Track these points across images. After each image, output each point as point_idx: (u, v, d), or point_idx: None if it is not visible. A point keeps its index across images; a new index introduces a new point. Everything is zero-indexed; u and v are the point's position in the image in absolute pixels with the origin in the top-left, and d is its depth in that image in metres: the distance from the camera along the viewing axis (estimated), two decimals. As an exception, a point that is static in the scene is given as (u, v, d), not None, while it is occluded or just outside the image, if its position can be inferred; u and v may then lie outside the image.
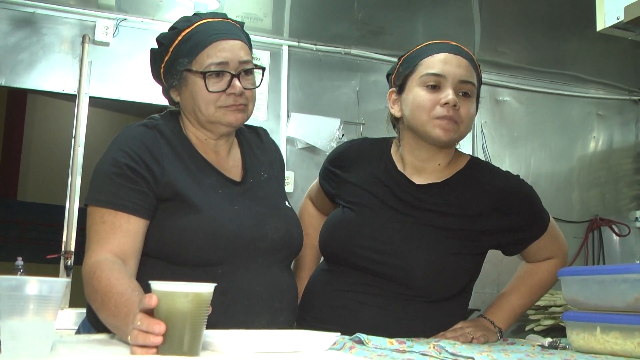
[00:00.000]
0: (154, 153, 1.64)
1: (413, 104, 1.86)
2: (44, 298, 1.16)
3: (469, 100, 1.87)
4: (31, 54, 3.71)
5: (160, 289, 1.22)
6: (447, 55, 1.86)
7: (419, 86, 1.86)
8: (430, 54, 1.88)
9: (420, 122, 1.84)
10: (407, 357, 1.44)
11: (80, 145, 3.73)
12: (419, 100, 1.84)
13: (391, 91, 1.97)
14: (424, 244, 1.82)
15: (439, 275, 1.81)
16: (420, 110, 1.84)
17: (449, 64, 1.85)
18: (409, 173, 1.93)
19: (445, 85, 1.83)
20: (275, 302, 1.70)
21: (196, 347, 1.22)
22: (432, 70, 1.85)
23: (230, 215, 1.67)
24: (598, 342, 1.63)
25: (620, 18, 1.87)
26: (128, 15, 3.86)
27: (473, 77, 1.88)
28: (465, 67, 1.86)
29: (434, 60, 1.86)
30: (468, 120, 1.87)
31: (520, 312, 2.00)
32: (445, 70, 1.84)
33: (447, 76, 1.83)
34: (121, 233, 1.57)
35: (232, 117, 1.71)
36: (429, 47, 1.91)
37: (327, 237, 1.94)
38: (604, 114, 4.99)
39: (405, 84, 1.90)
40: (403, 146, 1.95)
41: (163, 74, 1.75)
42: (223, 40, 1.69)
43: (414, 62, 1.90)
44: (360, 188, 1.94)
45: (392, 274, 1.81)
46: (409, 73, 1.89)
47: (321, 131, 4.15)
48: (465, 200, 1.87)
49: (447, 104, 1.81)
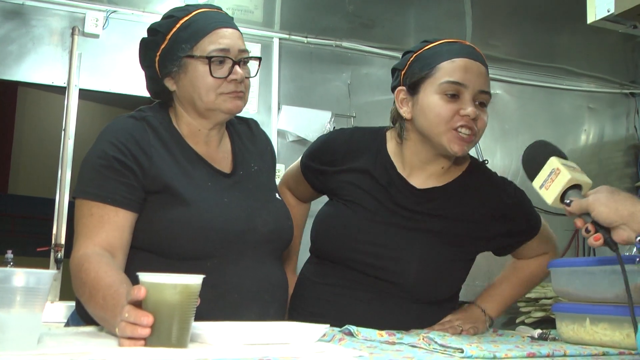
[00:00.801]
0: (142, 145, 1.63)
1: (430, 112, 1.78)
2: (31, 290, 1.15)
3: (484, 110, 1.81)
4: (20, 46, 3.69)
5: (148, 280, 1.21)
6: (467, 61, 1.79)
7: (437, 93, 1.77)
8: (449, 58, 1.79)
9: (437, 132, 1.78)
10: (397, 348, 1.44)
11: (70, 138, 3.71)
12: (438, 110, 1.77)
13: (400, 89, 1.88)
14: (419, 251, 1.80)
15: (433, 283, 1.82)
16: (439, 120, 1.77)
17: (469, 73, 1.77)
18: (408, 174, 1.89)
19: (464, 95, 1.76)
20: (265, 295, 1.69)
21: (184, 338, 1.22)
22: (452, 78, 1.76)
23: (220, 208, 1.66)
24: (587, 333, 1.64)
25: (611, 10, 1.87)
26: (118, 7, 3.84)
27: (489, 85, 1.83)
28: (484, 76, 1.81)
29: (454, 66, 1.78)
30: (483, 130, 1.82)
31: (510, 303, 2.01)
32: (467, 79, 1.76)
33: (468, 85, 1.76)
34: (109, 226, 1.56)
35: (231, 104, 1.70)
36: (446, 47, 1.83)
37: (322, 235, 1.91)
38: (595, 107, 5.00)
39: (420, 87, 1.81)
40: (406, 146, 1.89)
41: (158, 62, 1.73)
42: (224, 28, 1.71)
43: (430, 63, 1.81)
44: (355, 186, 1.90)
45: (386, 277, 1.80)
46: (425, 76, 1.80)
47: (312, 124, 4.14)
48: (463, 207, 1.86)
49: (468, 116, 1.75)
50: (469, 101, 1.76)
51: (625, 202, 1.38)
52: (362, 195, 1.88)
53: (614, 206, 1.38)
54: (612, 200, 1.38)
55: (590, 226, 1.42)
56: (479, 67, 1.80)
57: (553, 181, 1.51)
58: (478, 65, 1.80)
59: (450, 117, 1.76)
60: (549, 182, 1.52)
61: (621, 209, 1.37)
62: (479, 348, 1.37)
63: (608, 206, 1.38)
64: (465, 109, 1.75)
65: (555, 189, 1.50)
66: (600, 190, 1.43)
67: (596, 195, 1.42)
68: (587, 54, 4.50)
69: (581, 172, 1.53)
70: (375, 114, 4.20)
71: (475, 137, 1.80)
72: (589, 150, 4.97)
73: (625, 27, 2.02)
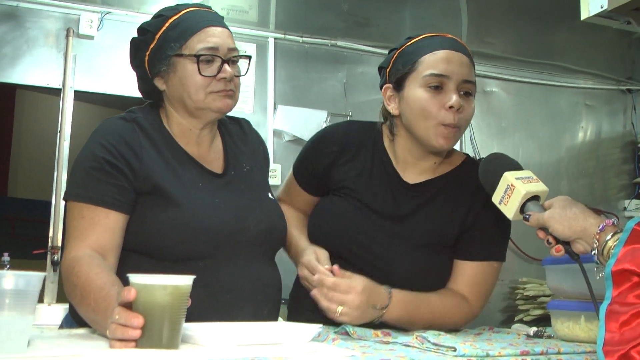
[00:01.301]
0: (132, 146, 1.63)
1: (415, 106, 1.79)
2: (21, 292, 1.15)
3: (470, 99, 1.81)
4: (15, 48, 3.67)
5: (139, 281, 1.21)
6: (448, 52, 1.79)
7: (421, 87, 1.78)
8: (430, 51, 1.80)
9: (424, 126, 1.78)
10: (390, 348, 1.44)
11: (65, 140, 3.70)
12: (422, 103, 1.77)
13: (387, 87, 1.89)
14: (409, 246, 1.81)
15: (423, 276, 1.82)
16: (424, 114, 1.77)
17: (452, 63, 1.78)
18: (402, 168, 1.89)
19: (448, 86, 1.77)
20: (258, 295, 1.69)
21: (175, 340, 1.22)
22: (434, 70, 1.77)
23: (211, 208, 1.66)
24: (582, 331, 1.64)
25: (604, 6, 1.86)
26: (112, 8, 3.82)
27: (473, 75, 1.83)
28: (467, 66, 1.81)
29: (435, 58, 1.78)
30: (468, 120, 1.83)
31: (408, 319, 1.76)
32: (449, 70, 1.77)
33: (451, 76, 1.77)
34: (100, 228, 1.55)
35: (221, 102, 1.70)
36: (427, 42, 1.83)
37: (317, 228, 1.91)
38: (592, 104, 4.99)
39: (404, 82, 1.82)
40: (397, 142, 1.90)
41: (148, 61, 1.73)
42: (212, 26, 1.71)
43: (412, 58, 1.82)
44: (353, 181, 1.89)
45: (378, 270, 1.79)
46: (409, 71, 1.81)
47: (308, 123, 4.13)
48: (454, 202, 1.85)
49: (452, 108, 1.75)
50: (453, 91, 1.76)
51: (577, 218, 1.42)
52: (362, 191, 1.87)
53: (567, 223, 1.43)
54: (565, 217, 1.43)
55: (551, 238, 1.47)
56: (460, 57, 1.80)
57: (510, 197, 1.54)
58: (460, 55, 1.80)
59: (437, 111, 1.76)
60: (507, 198, 1.55)
61: (574, 225, 1.42)
62: (472, 346, 1.37)
63: (562, 223, 1.43)
64: (449, 100, 1.75)
65: (513, 205, 1.53)
66: (555, 204, 1.47)
67: (551, 212, 1.46)
68: (584, 50, 4.49)
69: (537, 181, 1.55)
70: (372, 113, 4.12)
71: (460, 128, 1.80)
72: (587, 147, 4.96)
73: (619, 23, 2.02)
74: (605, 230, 1.36)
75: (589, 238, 1.39)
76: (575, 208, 1.44)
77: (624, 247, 1.26)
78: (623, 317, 1.20)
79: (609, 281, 1.23)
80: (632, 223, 1.28)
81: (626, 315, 1.19)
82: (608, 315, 1.20)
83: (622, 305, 1.20)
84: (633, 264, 1.22)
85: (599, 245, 1.36)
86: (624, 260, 1.24)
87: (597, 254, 1.37)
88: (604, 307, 1.21)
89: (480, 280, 1.85)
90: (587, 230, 1.39)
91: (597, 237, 1.37)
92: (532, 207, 1.51)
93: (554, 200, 1.49)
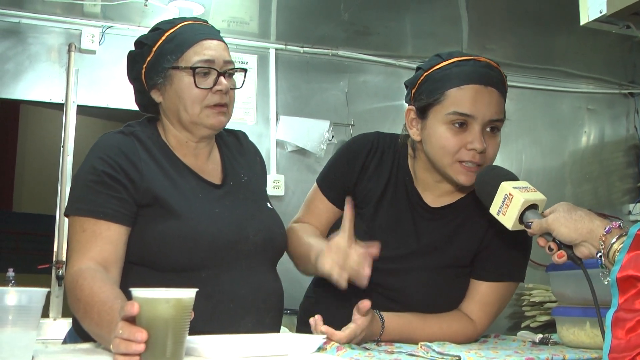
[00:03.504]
0: (131, 159, 1.64)
1: (436, 142, 1.72)
2: (24, 308, 1.15)
3: (495, 136, 1.73)
4: (17, 63, 3.69)
5: (141, 295, 1.21)
6: (477, 88, 1.69)
7: (444, 124, 1.70)
8: (458, 84, 1.70)
9: (442, 163, 1.72)
10: (395, 357, 1.43)
11: (69, 154, 3.71)
12: (443, 142, 1.70)
13: (410, 109, 1.81)
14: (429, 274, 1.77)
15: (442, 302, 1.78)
16: (444, 152, 1.71)
17: (479, 102, 1.68)
18: (422, 189, 1.84)
19: (473, 126, 1.69)
20: (260, 304, 1.69)
21: (179, 353, 1.21)
22: (459, 109, 1.68)
23: (211, 218, 1.66)
24: (588, 337, 1.63)
25: (603, 11, 1.86)
26: (113, 23, 3.84)
27: (502, 110, 1.73)
28: (496, 103, 1.71)
29: (462, 94, 1.69)
30: (492, 158, 1.74)
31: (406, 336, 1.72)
32: (475, 110, 1.68)
33: (477, 117, 1.68)
34: (102, 241, 1.56)
35: (214, 119, 1.71)
36: (456, 70, 1.72)
37: None
38: (595, 108, 4.99)
39: (428, 112, 1.75)
40: (417, 164, 1.84)
41: (144, 74, 1.74)
42: (209, 39, 1.72)
43: (438, 88, 1.72)
44: (374, 205, 1.83)
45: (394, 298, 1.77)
46: (433, 102, 1.73)
47: (311, 133, 4.13)
48: (472, 223, 1.80)
49: (474, 150, 1.68)
50: (477, 133, 1.69)
51: (583, 220, 1.41)
52: (379, 212, 1.83)
53: (573, 226, 1.41)
54: (570, 220, 1.42)
55: (553, 244, 1.46)
56: (490, 93, 1.70)
57: (508, 206, 1.53)
58: (490, 91, 1.70)
59: (456, 150, 1.70)
60: (505, 208, 1.54)
61: (580, 227, 1.40)
62: (477, 355, 1.37)
63: (567, 226, 1.42)
64: (472, 142, 1.68)
65: (512, 214, 1.52)
66: (558, 209, 1.46)
67: (555, 216, 1.44)
68: (585, 55, 4.48)
69: (534, 191, 1.54)
70: (374, 122, 4.20)
71: (482, 165, 1.71)
72: (590, 151, 4.96)
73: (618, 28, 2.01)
74: (612, 232, 1.35)
75: (594, 240, 1.37)
76: (580, 211, 1.43)
77: (628, 253, 1.25)
78: (629, 324, 1.19)
79: (615, 288, 1.22)
80: (635, 229, 1.27)
81: (632, 322, 1.18)
82: (614, 322, 1.19)
83: (628, 312, 1.19)
84: (637, 270, 1.21)
85: (605, 247, 1.34)
86: (628, 266, 1.23)
87: (602, 256, 1.35)
88: (610, 314, 1.20)
89: (492, 300, 1.80)
90: (593, 231, 1.38)
91: (603, 240, 1.35)
92: (531, 215, 1.49)
93: (556, 206, 1.47)
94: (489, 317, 1.80)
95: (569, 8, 3.13)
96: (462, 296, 1.81)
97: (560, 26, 3.96)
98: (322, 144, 4.13)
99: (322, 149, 4.12)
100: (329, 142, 4.15)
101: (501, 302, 1.82)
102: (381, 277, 1.73)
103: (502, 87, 1.74)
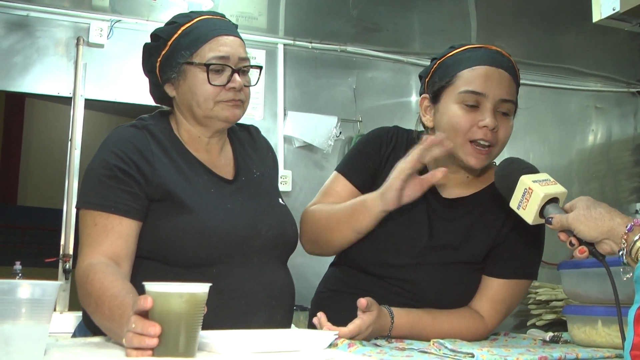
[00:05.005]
0: (144, 153, 1.63)
1: (448, 122, 1.73)
2: (37, 301, 1.15)
3: (507, 119, 1.74)
4: (25, 57, 3.69)
5: (155, 290, 1.20)
6: (488, 69, 1.72)
7: (456, 103, 1.72)
8: (469, 66, 1.73)
9: (454, 143, 1.70)
10: (407, 354, 1.43)
11: (76, 148, 3.72)
12: (455, 119, 1.71)
13: (424, 97, 1.83)
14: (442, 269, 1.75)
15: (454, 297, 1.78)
16: (456, 131, 1.71)
17: (490, 81, 1.70)
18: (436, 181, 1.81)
19: (484, 105, 1.70)
20: (272, 300, 1.68)
21: (192, 348, 1.21)
22: (471, 87, 1.70)
23: (223, 214, 1.66)
24: (600, 336, 1.62)
25: (617, 9, 1.86)
26: (122, 17, 3.84)
27: (514, 93, 1.76)
28: (507, 84, 1.73)
29: (473, 74, 1.72)
30: (504, 141, 1.75)
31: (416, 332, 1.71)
32: (486, 88, 1.70)
33: (488, 95, 1.69)
34: (113, 235, 1.55)
35: (229, 112, 1.70)
36: (468, 54, 1.76)
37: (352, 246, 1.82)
38: (603, 106, 4.98)
39: (441, 95, 1.77)
40: None
41: (159, 67, 1.73)
42: (224, 35, 1.71)
43: (451, 71, 1.75)
44: None
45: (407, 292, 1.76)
46: (446, 84, 1.75)
47: (318, 129, 4.13)
48: (486, 220, 1.79)
49: (486, 127, 1.69)
50: (489, 111, 1.70)
51: (603, 218, 1.39)
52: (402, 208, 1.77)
53: (593, 224, 1.39)
54: (591, 218, 1.40)
55: (574, 240, 1.44)
56: (501, 74, 1.73)
57: (528, 201, 1.51)
58: (500, 72, 1.73)
59: (468, 128, 1.70)
60: (525, 202, 1.52)
61: (600, 225, 1.38)
62: (490, 352, 1.36)
63: (587, 224, 1.40)
64: (484, 119, 1.69)
65: (532, 209, 1.51)
66: (579, 205, 1.44)
67: (575, 214, 1.43)
68: (593, 53, 4.47)
69: (554, 184, 1.53)
70: (382, 118, 4.18)
71: (494, 148, 1.73)
72: (597, 149, 4.95)
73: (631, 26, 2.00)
74: (634, 230, 1.33)
75: (616, 238, 1.35)
76: (600, 208, 1.41)
77: None
78: None
79: (638, 284, 1.21)
80: None
81: None
82: (637, 319, 1.18)
83: None
84: None
85: (627, 245, 1.33)
86: None
87: (624, 254, 1.34)
88: (633, 310, 1.19)
89: (504, 297, 1.79)
90: (614, 230, 1.36)
91: (625, 238, 1.33)
92: (551, 209, 1.48)
93: (576, 201, 1.46)
94: (499, 314, 1.79)
95: (578, 5, 3.12)
96: (474, 292, 1.80)
97: (569, 24, 3.95)
98: (330, 140, 4.13)
99: (330, 145, 4.12)
100: (337, 138, 4.15)
101: (513, 299, 1.81)
102: (393, 271, 1.74)
103: (513, 72, 1.76)
